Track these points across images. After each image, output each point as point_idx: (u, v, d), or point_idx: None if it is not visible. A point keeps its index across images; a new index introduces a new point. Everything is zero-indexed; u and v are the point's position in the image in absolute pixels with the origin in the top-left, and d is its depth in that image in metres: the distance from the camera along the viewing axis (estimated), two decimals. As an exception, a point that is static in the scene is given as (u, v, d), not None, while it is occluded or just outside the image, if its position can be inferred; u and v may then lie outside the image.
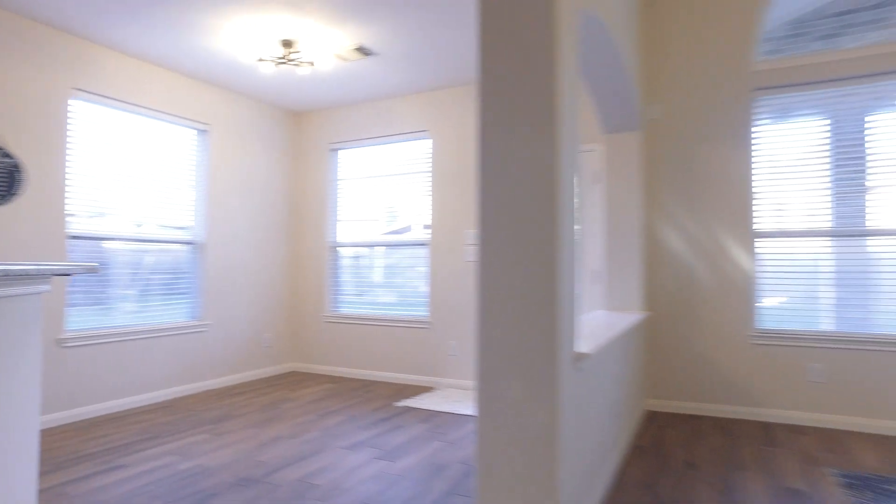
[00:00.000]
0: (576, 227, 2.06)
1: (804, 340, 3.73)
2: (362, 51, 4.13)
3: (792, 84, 3.85)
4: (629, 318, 3.45)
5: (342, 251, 5.53)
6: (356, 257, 5.47)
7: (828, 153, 3.81)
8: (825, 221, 3.79)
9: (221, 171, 4.92)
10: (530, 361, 1.84)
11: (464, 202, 4.85)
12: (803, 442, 3.37)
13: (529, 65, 1.85)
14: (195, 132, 4.77)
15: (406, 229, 5.25)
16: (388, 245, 5.30)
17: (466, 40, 3.99)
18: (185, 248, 4.68)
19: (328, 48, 4.06)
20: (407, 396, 4.53)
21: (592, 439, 2.38)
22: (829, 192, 3.79)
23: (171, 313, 4.55)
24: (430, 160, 5.01)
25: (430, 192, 5.00)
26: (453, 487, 2.70)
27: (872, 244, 3.69)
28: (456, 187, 4.89)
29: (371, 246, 5.38)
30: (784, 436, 3.49)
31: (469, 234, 4.80)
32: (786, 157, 3.89)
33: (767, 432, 3.56)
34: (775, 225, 3.90)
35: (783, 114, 3.92)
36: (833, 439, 3.42)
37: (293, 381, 5.15)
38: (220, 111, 4.91)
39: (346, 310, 5.46)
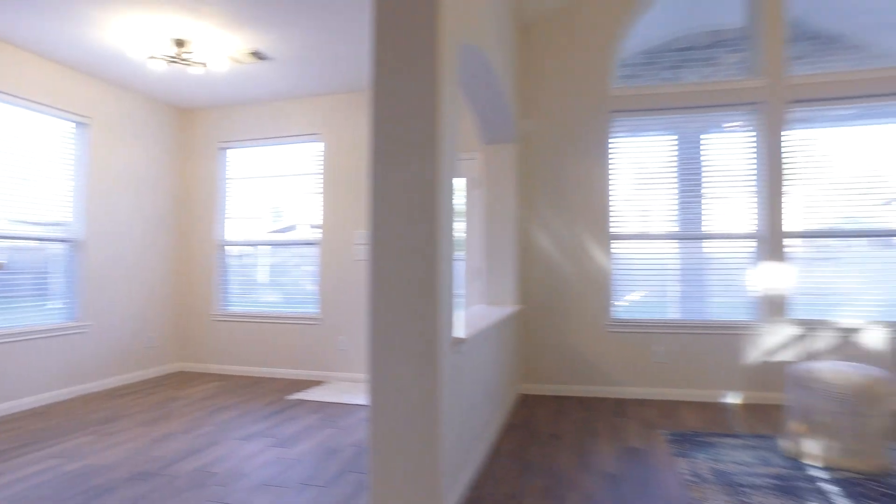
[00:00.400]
0: (457, 227, 2.40)
1: (650, 327, 4.39)
2: (257, 55, 4.24)
3: (641, 109, 4.50)
4: (504, 310, 3.89)
5: (230, 250, 5.55)
6: (245, 255, 5.51)
7: (674, 167, 4.51)
8: (670, 225, 4.48)
9: (102, 167, 4.77)
10: (415, 346, 2.16)
11: (354, 204, 5.09)
12: (646, 412, 4.00)
13: (416, 87, 2.16)
14: (73, 125, 4.59)
15: (292, 228, 5.38)
16: (278, 244, 5.41)
17: (358, 51, 4.24)
18: (61, 245, 4.50)
19: (222, 50, 4.13)
20: (299, 390, 4.69)
21: (470, 415, 2.74)
22: (674, 200, 4.49)
23: (43, 315, 4.35)
24: (322, 162, 5.20)
25: (322, 194, 5.18)
26: (347, 466, 2.96)
27: (707, 245, 4.43)
28: (346, 189, 5.11)
29: (260, 245, 5.45)
30: (632, 408, 4.10)
31: (359, 235, 5.05)
32: (638, 169, 4.54)
33: (619, 406, 4.16)
34: (629, 228, 4.53)
35: (636, 132, 4.57)
36: (669, 408, 4.09)
37: (181, 380, 5.10)
38: (103, 105, 4.76)
39: (234, 308, 5.48)
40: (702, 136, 4.49)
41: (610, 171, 4.53)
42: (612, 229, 4.52)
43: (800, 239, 4.25)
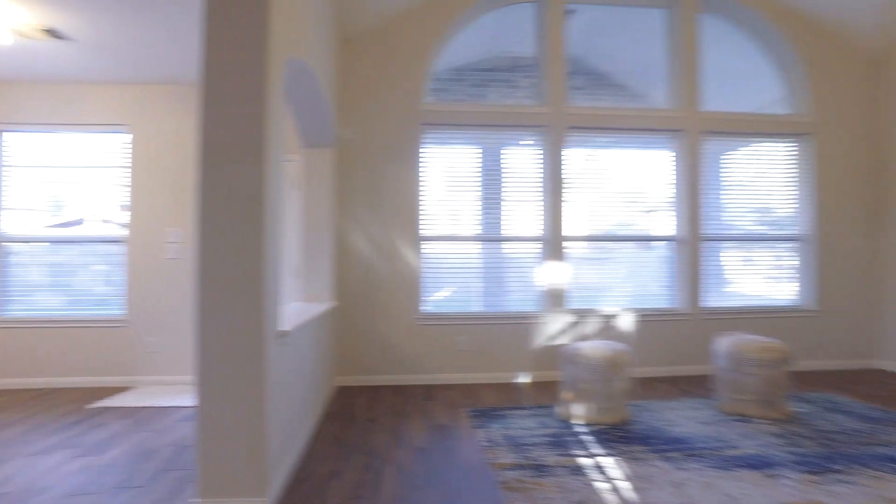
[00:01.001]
0: (279, 226, 2.59)
1: (455, 320, 4.93)
2: (52, 33, 3.89)
3: (449, 124, 5.02)
4: (322, 306, 4.11)
5: (12, 247, 4.92)
6: (33, 253, 4.94)
7: (478, 175, 5.10)
8: (474, 228, 5.07)
9: None
10: (242, 339, 2.31)
11: (166, 200, 4.88)
12: (452, 395, 4.51)
13: (246, 99, 2.32)
14: None
15: (79, 223, 4.98)
16: (72, 241, 4.95)
17: (176, 42, 4.12)
18: None
19: (5, 22, 3.72)
20: (102, 398, 4.39)
21: (294, 403, 2.94)
22: (478, 205, 5.09)
23: None
24: (130, 155, 4.89)
25: (130, 188, 4.87)
26: (166, 465, 2.95)
27: (504, 246, 5.10)
28: (158, 185, 4.89)
29: (51, 241, 4.94)
30: (439, 392, 4.59)
31: (172, 232, 4.86)
32: (447, 176, 5.06)
33: (428, 391, 4.62)
34: (437, 230, 5.03)
35: (445, 142, 5.08)
36: (471, 390, 4.65)
37: (-57, 398, 4.42)
38: None
39: (17, 312, 4.89)
40: (502, 150, 5.16)
41: (421, 178, 4.98)
42: (422, 231, 4.98)
43: (576, 241, 5.12)
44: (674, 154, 5.26)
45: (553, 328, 4.99)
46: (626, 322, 5.06)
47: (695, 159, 5.17)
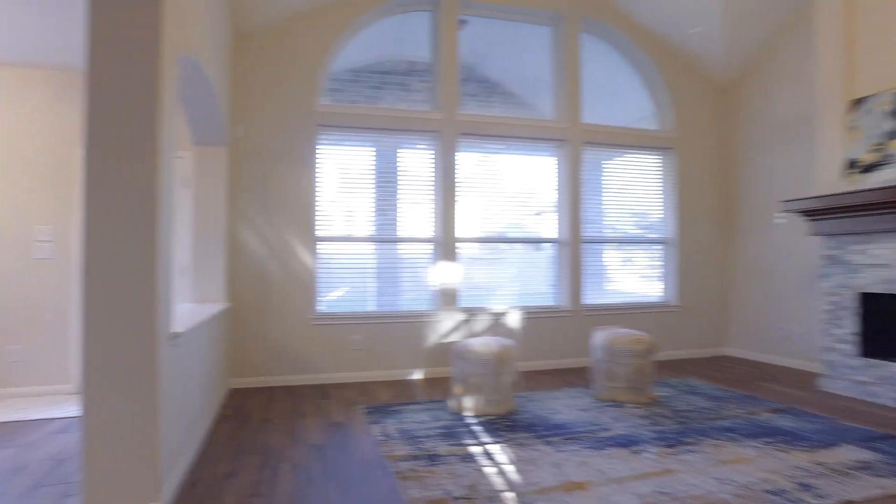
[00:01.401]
0: (169, 225, 2.55)
1: (350, 319, 4.99)
2: None
3: (344, 126, 5.07)
4: (214, 307, 4.02)
5: None
6: None
7: (373, 176, 5.19)
8: (370, 229, 5.15)
9: None
10: (134, 341, 2.25)
11: (35, 195, 4.51)
12: (347, 393, 4.57)
13: (138, 96, 2.26)
14: None
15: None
16: (-79, 240, 4.43)
17: (47, 23, 3.84)
18: None
19: None
20: (-45, 413, 3.98)
21: (187, 405, 2.88)
22: (373, 206, 5.18)
23: None
24: (-12, 146, 4.45)
25: (-13, 182, 4.44)
26: (39, 481, 2.78)
27: (399, 247, 5.23)
28: (23, 178, 4.49)
29: None
30: (335, 391, 4.63)
31: (42, 231, 4.49)
32: (343, 177, 5.10)
33: (324, 391, 4.65)
34: (333, 231, 5.06)
35: (341, 143, 5.12)
36: (367, 388, 4.74)
37: None
38: None
39: None
40: (397, 152, 5.29)
41: (316, 179, 4.99)
42: (317, 232, 4.99)
43: (467, 242, 5.37)
44: (557, 161, 5.66)
45: (445, 326, 5.20)
46: (514, 319, 5.39)
47: (576, 167, 5.61)
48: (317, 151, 5.00)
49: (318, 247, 5.00)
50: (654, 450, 3.03)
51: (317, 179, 5.00)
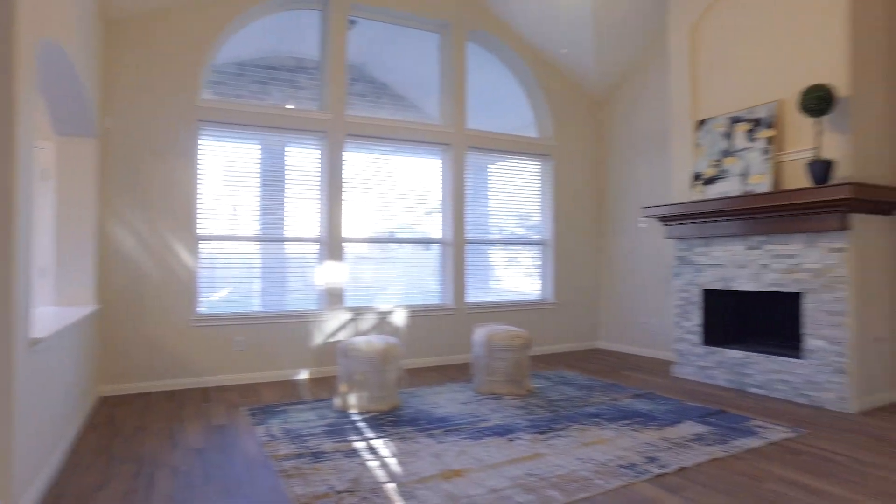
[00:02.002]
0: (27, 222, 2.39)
1: (233, 320, 4.86)
2: None
3: (228, 122, 4.92)
4: (81, 310, 3.76)
5: None
6: None
7: (259, 174, 5.08)
8: (255, 228, 5.03)
9: None
10: (-12, 348, 2.10)
11: None
12: (230, 395, 4.46)
13: (-8, 85, 2.11)
14: None
15: None
16: None
17: None
18: None
19: None
20: None
21: (49, 415, 2.70)
22: (259, 205, 5.07)
23: None
24: None
25: None
26: None
27: (285, 246, 5.16)
28: None
29: None
30: (218, 394, 4.50)
31: None
32: (228, 175, 4.95)
33: (206, 394, 4.50)
34: (216, 229, 4.90)
35: (224, 138, 4.96)
36: (251, 390, 4.65)
37: None
38: None
39: None
40: (284, 150, 5.21)
41: (198, 175, 4.81)
42: (199, 230, 4.81)
43: (354, 242, 5.42)
44: (442, 164, 5.87)
45: (331, 325, 5.22)
46: (399, 318, 5.52)
47: (460, 170, 5.85)
48: (199, 147, 4.82)
49: (199, 246, 4.82)
50: (528, 437, 3.28)
51: (198, 176, 4.82)
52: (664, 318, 5.82)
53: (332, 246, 5.23)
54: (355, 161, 5.47)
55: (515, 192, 6.32)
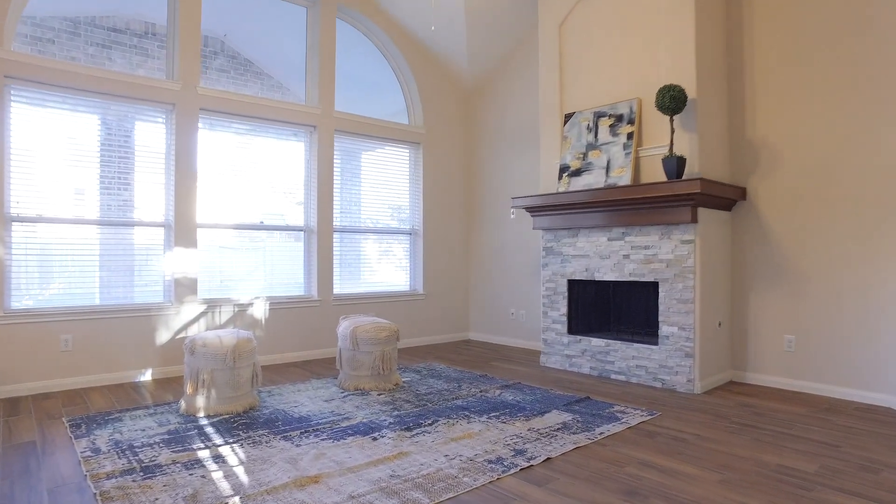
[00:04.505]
0: None
1: (60, 316, 4.17)
2: None
3: (48, 83, 4.18)
4: None
5: None
6: None
7: (97, 149, 4.38)
8: (92, 210, 4.34)
9: None
10: None
11: None
12: (49, 404, 3.80)
13: None
14: None
15: None
16: None
17: None
18: None
19: None
20: None
21: None
22: (96, 183, 4.37)
23: None
24: None
25: None
26: None
27: (129, 232, 4.51)
28: None
29: None
30: (32, 404, 3.82)
31: None
32: (54, 147, 4.21)
33: (15, 405, 3.80)
34: (37, 210, 4.16)
35: (46, 103, 4.21)
36: (78, 396, 4.01)
37: None
38: None
39: None
40: (128, 123, 4.55)
41: (7, 144, 4.05)
42: (11, 210, 4.07)
43: (210, 228, 4.89)
44: (307, 147, 5.50)
45: (181, 320, 4.68)
46: (261, 310, 5.09)
47: (327, 155, 5.52)
48: (8, 109, 4.05)
49: (13, 228, 4.07)
50: (393, 434, 3.09)
51: (8, 144, 4.05)
52: (533, 308, 5.93)
53: (182, 232, 4.68)
54: (212, 140, 4.94)
55: (386, 180, 6.11)
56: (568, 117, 4.88)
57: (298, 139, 5.44)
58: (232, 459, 2.73)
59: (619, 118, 4.49)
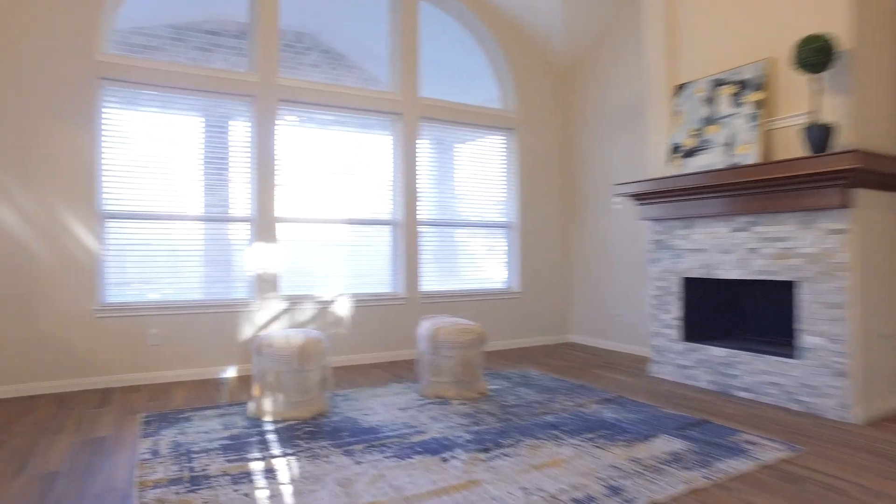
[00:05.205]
0: None
1: (147, 310, 4.20)
2: None
3: (137, 82, 4.21)
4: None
5: None
6: None
7: (183, 146, 4.38)
8: (176, 205, 4.35)
9: None
10: None
11: None
12: (134, 398, 3.80)
13: None
14: None
15: None
16: None
17: None
18: None
19: None
20: None
21: None
22: (182, 180, 4.38)
23: None
24: None
25: None
26: None
27: (212, 228, 4.48)
28: None
29: None
30: (120, 396, 3.84)
31: None
32: (143, 145, 4.25)
33: (105, 396, 3.84)
34: (128, 206, 4.22)
35: (136, 103, 4.25)
36: (163, 390, 3.99)
37: None
38: None
39: None
40: (211, 118, 4.52)
41: (103, 143, 4.12)
42: (106, 208, 4.14)
43: (292, 223, 4.76)
44: (393, 137, 5.22)
45: (263, 316, 4.57)
46: (343, 308, 4.88)
47: (411, 143, 5.20)
48: (102, 110, 4.13)
49: (107, 225, 4.15)
50: (465, 456, 2.67)
51: (103, 144, 4.13)
52: (641, 309, 5.25)
53: (263, 227, 4.57)
54: (294, 133, 4.80)
55: (477, 169, 5.69)
56: (679, 89, 4.18)
57: (383, 128, 5.18)
58: (283, 475, 2.45)
59: (744, 85, 3.75)
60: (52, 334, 3.95)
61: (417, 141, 5.21)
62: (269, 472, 2.48)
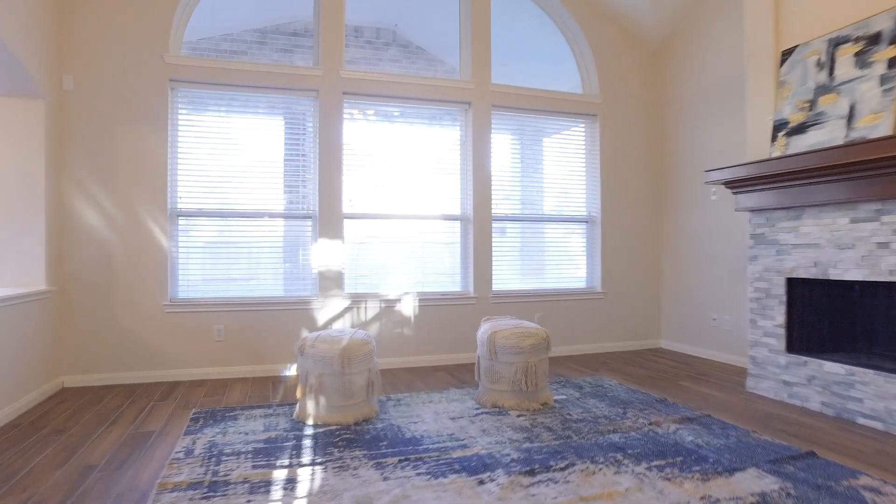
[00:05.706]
0: None
1: (214, 306, 4.24)
2: None
3: (206, 82, 4.26)
4: (14, 291, 3.25)
5: None
6: None
7: (248, 143, 4.40)
8: (242, 203, 4.37)
9: None
10: None
11: None
12: (195, 392, 3.83)
13: None
14: None
15: None
16: None
17: None
18: None
19: None
20: None
21: None
22: (247, 177, 4.40)
23: None
24: None
25: None
26: None
27: (276, 224, 4.46)
28: None
29: None
30: (184, 389, 3.90)
31: None
32: (210, 143, 4.30)
33: (170, 389, 3.91)
34: (197, 204, 4.29)
35: (205, 103, 4.31)
36: (223, 386, 4.01)
37: None
38: None
39: None
40: (275, 114, 4.50)
41: (179, 143, 4.22)
42: (178, 205, 4.23)
43: (358, 219, 4.63)
44: (462, 127, 4.93)
45: (327, 314, 4.48)
46: (409, 307, 4.68)
47: (483, 133, 4.89)
48: (177, 110, 4.22)
49: (179, 222, 4.24)
50: (506, 479, 2.34)
51: (179, 144, 4.23)
52: (741, 313, 4.60)
53: (327, 223, 4.48)
54: (358, 127, 4.67)
55: (556, 159, 5.27)
56: (786, 55, 3.55)
57: (452, 119, 4.92)
58: (303, 487, 2.26)
59: (874, 40, 3.08)
60: (126, 328, 4.08)
61: (490, 132, 4.90)
62: (289, 483, 2.31)
